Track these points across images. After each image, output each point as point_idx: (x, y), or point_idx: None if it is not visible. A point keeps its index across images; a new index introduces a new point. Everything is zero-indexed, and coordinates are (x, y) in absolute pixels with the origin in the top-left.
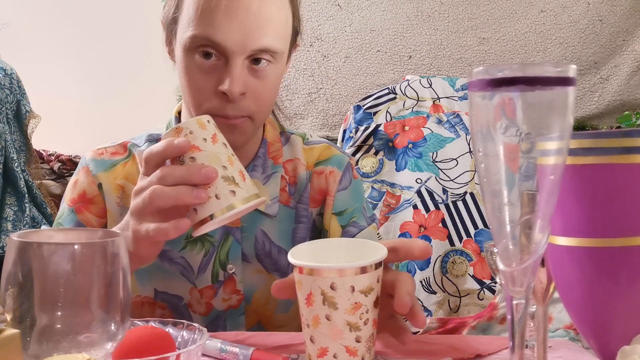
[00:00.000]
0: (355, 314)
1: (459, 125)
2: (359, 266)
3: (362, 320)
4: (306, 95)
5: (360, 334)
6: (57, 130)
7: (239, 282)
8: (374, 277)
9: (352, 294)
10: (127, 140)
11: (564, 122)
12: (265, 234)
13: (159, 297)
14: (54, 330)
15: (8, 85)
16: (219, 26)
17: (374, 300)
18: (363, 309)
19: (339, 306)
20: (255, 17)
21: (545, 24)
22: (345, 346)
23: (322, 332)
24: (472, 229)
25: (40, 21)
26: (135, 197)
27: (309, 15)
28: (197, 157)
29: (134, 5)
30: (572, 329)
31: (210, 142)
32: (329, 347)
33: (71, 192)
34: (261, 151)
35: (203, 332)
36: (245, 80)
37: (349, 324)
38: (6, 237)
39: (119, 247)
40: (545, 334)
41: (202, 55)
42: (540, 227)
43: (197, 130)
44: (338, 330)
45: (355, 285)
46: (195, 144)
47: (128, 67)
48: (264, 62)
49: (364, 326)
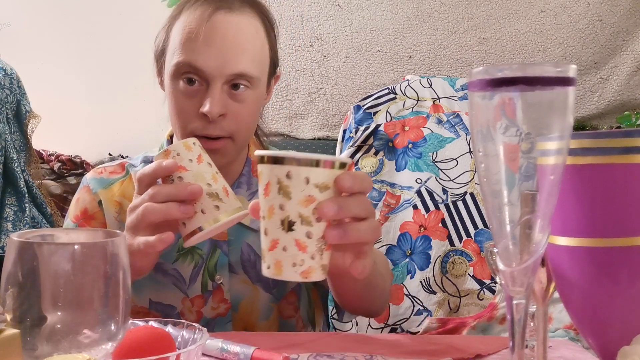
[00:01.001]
0: (307, 207)
1: (459, 125)
2: (316, 159)
3: (314, 216)
4: (306, 95)
5: (311, 230)
6: (57, 130)
7: (226, 291)
8: (331, 176)
9: (306, 186)
10: (125, 161)
11: (564, 122)
12: (250, 247)
13: (153, 307)
14: (54, 330)
15: (8, 85)
16: (199, 53)
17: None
18: (316, 205)
19: (292, 196)
20: (232, 44)
21: (545, 24)
22: (296, 239)
23: (275, 222)
24: (472, 229)
25: (40, 21)
26: (130, 214)
27: (309, 15)
28: (184, 176)
29: (134, 5)
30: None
31: (196, 162)
32: (279, 239)
33: (74, 208)
34: (245, 169)
35: (203, 332)
36: (225, 103)
37: (300, 216)
38: (6, 237)
39: (119, 247)
40: (545, 334)
41: (186, 82)
42: (540, 227)
43: (184, 152)
44: (289, 221)
45: (310, 177)
46: (182, 164)
47: (128, 67)
48: (242, 87)
49: (316, 223)
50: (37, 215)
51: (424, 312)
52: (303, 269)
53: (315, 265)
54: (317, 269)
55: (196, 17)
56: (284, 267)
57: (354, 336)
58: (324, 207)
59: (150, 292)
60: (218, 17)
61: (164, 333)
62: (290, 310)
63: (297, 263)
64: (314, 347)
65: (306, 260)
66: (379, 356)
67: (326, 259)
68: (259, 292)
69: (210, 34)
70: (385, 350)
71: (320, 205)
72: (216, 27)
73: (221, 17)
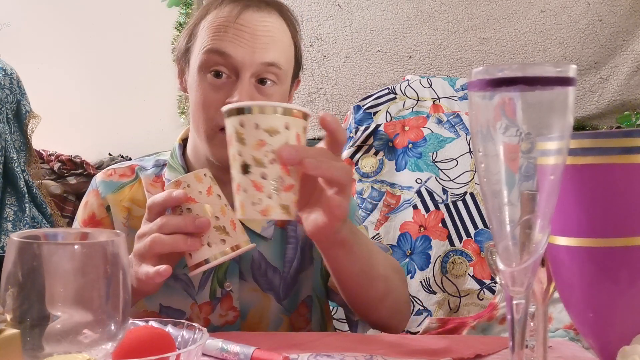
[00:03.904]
0: (259, 150)
1: (459, 125)
2: (261, 105)
3: (267, 158)
4: (306, 95)
5: (265, 171)
6: (57, 130)
7: (235, 299)
8: (279, 121)
9: (256, 131)
10: (135, 163)
11: (564, 122)
12: (261, 255)
13: (163, 312)
14: (54, 330)
15: (8, 85)
16: (230, 42)
17: (280, 143)
18: (268, 148)
19: (246, 142)
20: (261, 37)
21: (545, 24)
22: (252, 180)
23: (236, 168)
24: (472, 229)
25: (40, 21)
26: (138, 241)
27: (309, 15)
28: (193, 208)
29: (134, 6)
30: (572, 329)
31: (205, 194)
32: (240, 182)
33: (82, 212)
34: None
35: (203, 332)
36: (252, 95)
37: (254, 159)
38: (6, 237)
39: (119, 247)
40: (545, 334)
41: (214, 75)
42: (540, 227)
43: (194, 183)
44: (246, 164)
45: (260, 123)
46: (192, 195)
47: (128, 67)
48: (269, 82)
49: (270, 165)
50: (37, 215)
51: (424, 312)
52: (262, 208)
53: (273, 203)
54: (275, 207)
55: (225, 13)
56: (245, 206)
57: (354, 336)
58: (281, 150)
59: (161, 297)
60: (247, 15)
61: (164, 333)
62: (302, 322)
63: (255, 202)
64: (314, 347)
65: (263, 199)
66: (379, 356)
67: (286, 199)
68: (270, 302)
69: (240, 29)
70: (385, 350)
71: (279, 150)
72: (245, 23)
73: (250, 14)
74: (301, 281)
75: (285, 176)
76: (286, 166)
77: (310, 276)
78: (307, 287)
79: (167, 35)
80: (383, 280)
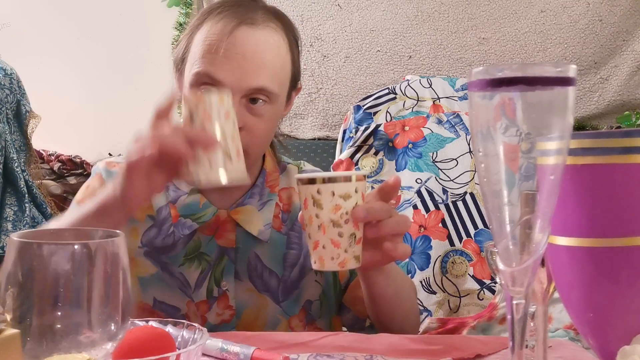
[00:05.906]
0: (336, 213)
1: (459, 125)
2: (336, 176)
3: (342, 219)
4: (306, 95)
5: (342, 230)
6: (57, 130)
7: (231, 298)
8: (350, 187)
9: (332, 197)
10: None
11: (564, 122)
12: (257, 257)
13: (157, 306)
14: (54, 330)
15: (8, 85)
16: (219, 66)
17: (353, 205)
18: (343, 210)
19: (323, 207)
20: (252, 60)
21: (545, 24)
22: (331, 239)
23: (314, 228)
24: (472, 229)
25: (40, 21)
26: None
27: (309, 15)
28: (207, 126)
29: (134, 6)
30: (572, 329)
31: (224, 116)
32: (319, 240)
33: (82, 194)
34: (259, 180)
35: (203, 332)
36: (242, 116)
37: (332, 221)
38: (6, 237)
39: (119, 247)
40: (545, 334)
41: None
42: (540, 227)
43: (216, 103)
44: (324, 226)
45: (335, 190)
46: (211, 114)
47: (127, 68)
48: (261, 101)
49: (345, 224)
50: (37, 215)
51: (424, 312)
52: (340, 261)
53: (349, 256)
54: (350, 259)
55: (218, 30)
56: (325, 261)
57: (354, 336)
58: (356, 212)
59: (156, 291)
60: (240, 32)
61: (164, 333)
62: (300, 327)
63: (334, 257)
64: (314, 347)
65: (341, 253)
66: (379, 356)
67: (358, 250)
68: (266, 303)
69: (231, 48)
70: (385, 350)
71: (353, 212)
72: (237, 42)
73: (243, 32)
74: (303, 287)
75: (357, 232)
76: (357, 224)
77: (312, 283)
78: (308, 293)
79: (167, 35)
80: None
